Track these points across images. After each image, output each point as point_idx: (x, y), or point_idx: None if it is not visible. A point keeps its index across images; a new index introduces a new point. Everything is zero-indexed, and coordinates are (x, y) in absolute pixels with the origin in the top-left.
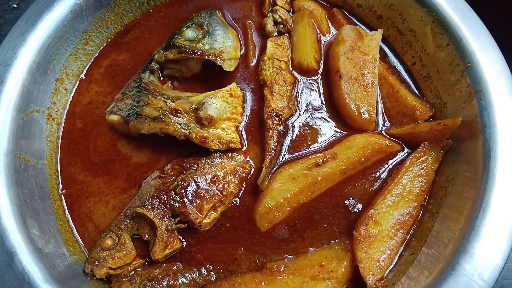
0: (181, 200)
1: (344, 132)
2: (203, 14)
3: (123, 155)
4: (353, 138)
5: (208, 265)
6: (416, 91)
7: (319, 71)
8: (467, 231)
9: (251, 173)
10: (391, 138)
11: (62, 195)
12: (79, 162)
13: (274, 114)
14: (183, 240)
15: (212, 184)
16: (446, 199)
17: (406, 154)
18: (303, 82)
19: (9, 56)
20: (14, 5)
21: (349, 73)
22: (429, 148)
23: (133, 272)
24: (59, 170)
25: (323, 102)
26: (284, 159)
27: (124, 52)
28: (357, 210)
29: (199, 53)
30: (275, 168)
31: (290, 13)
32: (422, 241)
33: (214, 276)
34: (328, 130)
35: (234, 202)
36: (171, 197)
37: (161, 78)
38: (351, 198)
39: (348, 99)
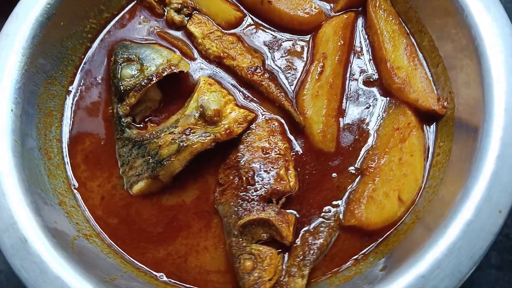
0: (261, 186)
1: (311, 35)
2: (119, 51)
3: (176, 206)
4: (322, 33)
5: (326, 208)
6: None
7: (246, 16)
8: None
9: (284, 122)
10: (344, 11)
11: (164, 282)
12: (148, 244)
13: (252, 69)
14: (292, 211)
15: (267, 155)
16: (421, 14)
17: (364, 12)
18: (244, 33)
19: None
20: None
21: None
22: None
23: (284, 268)
24: (140, 264)
25: (274, 32)
26: (294, 91)
27: (85, 138)
28: (376, 76)
29: (154, 77)
30: (294, 102)
31: None
32: (434, 53)
33: (337, 210)
34: (299, 45)
35: (295, 153)
36: (252, 191)
37: (141, 126)
38: (362, 73)
39: (291, 11)
